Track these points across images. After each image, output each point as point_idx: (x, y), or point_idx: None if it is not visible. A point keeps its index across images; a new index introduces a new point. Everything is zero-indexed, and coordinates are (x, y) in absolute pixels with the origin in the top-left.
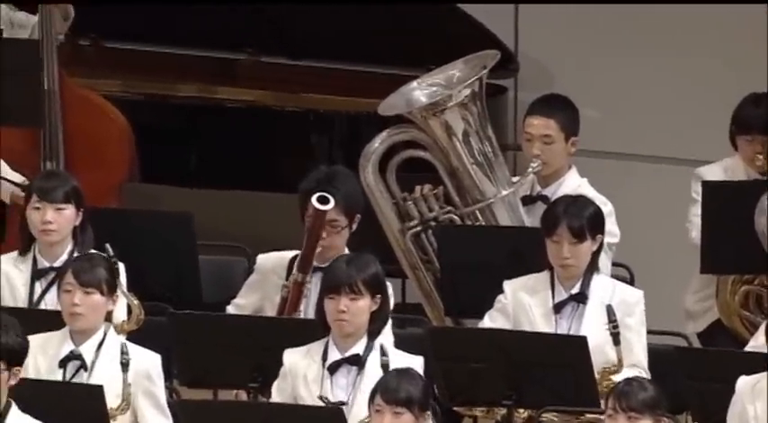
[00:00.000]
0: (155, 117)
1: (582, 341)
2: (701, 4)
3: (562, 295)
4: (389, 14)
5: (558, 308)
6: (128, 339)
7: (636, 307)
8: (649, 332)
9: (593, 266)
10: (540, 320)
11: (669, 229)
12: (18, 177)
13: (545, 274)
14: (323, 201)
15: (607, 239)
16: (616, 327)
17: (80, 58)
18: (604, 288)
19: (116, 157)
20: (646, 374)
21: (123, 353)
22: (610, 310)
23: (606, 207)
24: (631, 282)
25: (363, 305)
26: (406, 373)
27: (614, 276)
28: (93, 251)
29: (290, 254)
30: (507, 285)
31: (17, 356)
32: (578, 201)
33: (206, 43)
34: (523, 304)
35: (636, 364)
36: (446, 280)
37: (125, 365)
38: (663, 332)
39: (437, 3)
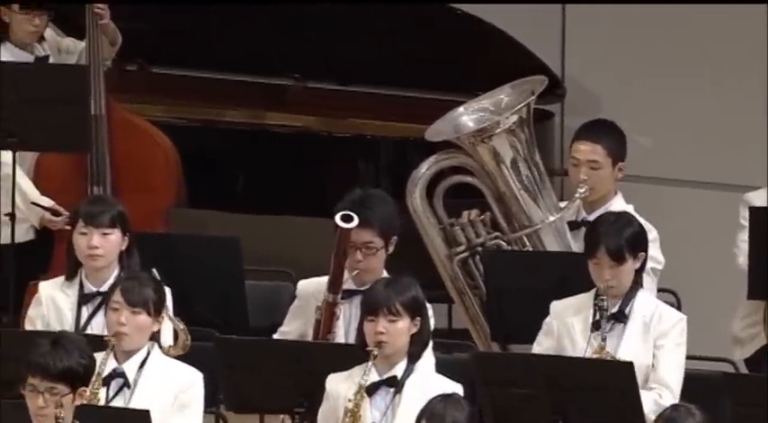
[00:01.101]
0: (202, 142)
1: (628, 366)
2: (750, 29)
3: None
4: (436, 40)
5: (596, 325)
6: None
7: (673, 329)
8: (696, 358)
9: (636, 284)
10: (579, 338)
11: (716, 254)
12: (47, 202)
13: (590, 294)
14: (346, 219)
15: (651, 265)
16: (603, 309)
17: (127, 84)
18: (647, 306)
19: (162, 182)
20: (669, 394)
21: None
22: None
23: (651, 234)
24: (678, 307)
25: (402, 327)
26: (452, 398)
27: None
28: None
29: None
30: (553, 306)
31: (81, 378)
32: (619, 220)
33: (253, 69)
34: (566, 323)
35: (660, 382)
36: (493, 305)
37: None
38: (710, 358)
39: (483, 28)
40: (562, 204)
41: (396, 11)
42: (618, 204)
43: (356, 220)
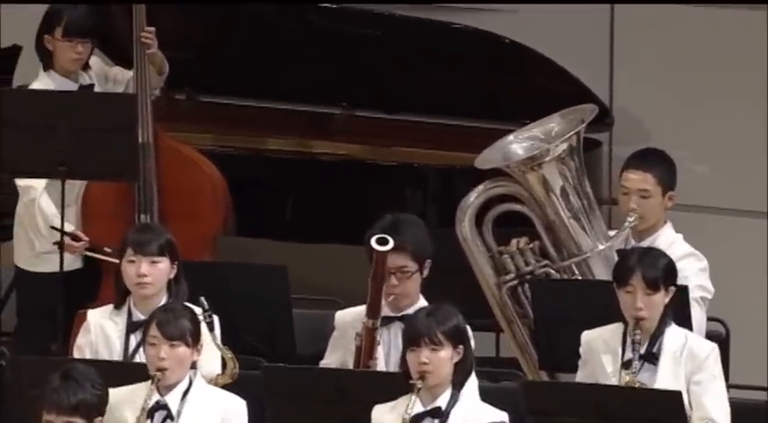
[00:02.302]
0: (249, 171)
1: (676, 396)
2: None
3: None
4: (484, 68)
5: (627, 365)
6: None
7: (705, 362)
8: (744, 387)
9: (665, 320)
10: (611, 378)
11: (765, 283)
12: (68, 227)
13: (619, 328)
14: (382, 242)
15: (701, 294)
16: (636, 342)
17: (175, 113)
18: (677, 340)
19: (209, 211)
20: None
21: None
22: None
23: (701, 263)
24: (727, 336)
25: (445, 356)
26: None
27: (710, 331)
28: (172, 302)
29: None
30: (583, 337)
31: (96, 408)
32: (652, 252)
33: (301, 97)
34: (598, 360)
35: (704, 417)
36: (541, 334)
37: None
38: (757, 387)
39: (532, 56)
40: (611, 233)
41: (443, 40)
42: (667, 233)
43: (392, 243)
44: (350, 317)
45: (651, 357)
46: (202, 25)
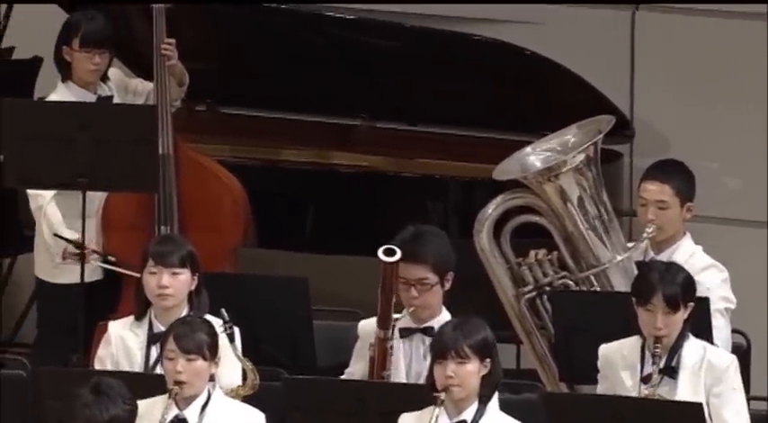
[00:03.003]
0: (270, 182)
1: (697, 408)
2: None
3: (651, 366)
4: (504, 80)
5: (646, 380)
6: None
7: (725, 374)
8: (766, 399)
9: (683, 333)
10: (631, 390)
11: None
12: (71, 234)
13: (637, 342)
14: (389, 253)
15: (724, 305)
16: (657, 356)
17: (196, 124)
18: (696, 353)
19: (230, 222)
20: None
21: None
22: None
23: (723, 274)
24: (748, 348)
25: (472, 370)
26: None
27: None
28: (191, 314)
29: None
30: (600, 351)
31: None
32: (671, 268)
33: (321, 109)
34: (616, 372)
35: None
36: (560, 345)
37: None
38: None
39: (553, 68)
40: (630, 244)
41: (463, 51)
42: (686, 245)
43: (399, 254)
44: (370, 326)
45: (670, 371)
46: (222, 37)
